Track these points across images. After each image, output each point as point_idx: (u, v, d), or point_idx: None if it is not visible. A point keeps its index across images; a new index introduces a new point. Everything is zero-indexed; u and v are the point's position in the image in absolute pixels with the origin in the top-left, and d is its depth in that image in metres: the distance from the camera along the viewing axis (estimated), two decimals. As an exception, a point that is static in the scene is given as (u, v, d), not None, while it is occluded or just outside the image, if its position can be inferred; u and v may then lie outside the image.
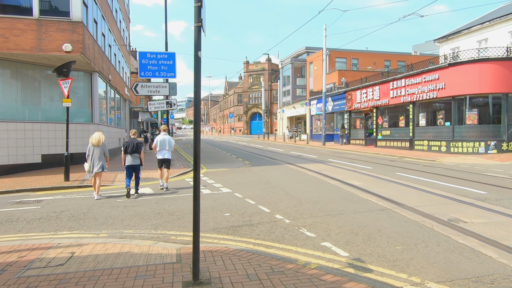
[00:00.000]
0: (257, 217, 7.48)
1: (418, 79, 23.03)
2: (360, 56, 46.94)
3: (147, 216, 7.91)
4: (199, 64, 4.09)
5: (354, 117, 32.65)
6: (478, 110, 20.03)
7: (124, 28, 32.09)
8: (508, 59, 19.28)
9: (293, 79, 55.00)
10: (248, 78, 78.94)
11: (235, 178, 13.03)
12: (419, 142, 23.26)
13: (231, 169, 15.79)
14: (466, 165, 15.80)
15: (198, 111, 4.16)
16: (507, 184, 10.72)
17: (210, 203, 8.98)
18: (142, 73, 16.31)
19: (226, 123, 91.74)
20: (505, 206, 7.91)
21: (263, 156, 21.94)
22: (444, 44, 36.84)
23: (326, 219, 7.16)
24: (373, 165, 16.23)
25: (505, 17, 30.26)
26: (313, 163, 17.74)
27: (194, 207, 4.22)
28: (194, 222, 4.25)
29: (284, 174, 13.94)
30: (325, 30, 31.94)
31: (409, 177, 12.43)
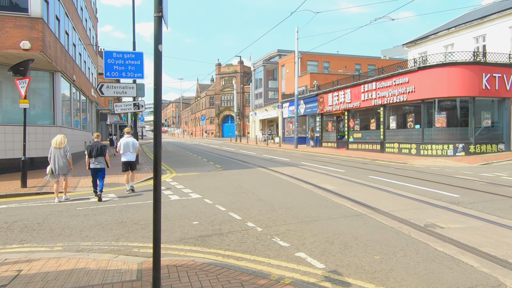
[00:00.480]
0: (227, 225, 7.06)
1: (388, 82, 23.26)
2: (332, 60, 47.35)
3: (108, 225, 7.33)
4: (160, 59, 3.64)
5: (326, 120, 32.74)
6: (446, 113, 20.37)
7: (90, 27, 30.93)
8: (475, 63, 19.70)
9: (265, 81, 54.89)
10: (220, 81, 78.34)
11: (205, 183, 12.54)
12: (390, 144, 23.46)
13: (201, 173, 15.28)
14: (436, 168, 15.93)
15: (159, 112, 3.71)
16: (478, 187, 10.76)
17: (178, 210, 8.48)
18: (107, 74, 15.55)
19: (198, 126, 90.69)
20: (478, 209, 7.82)
21: (235, 160, 21.51)
22: (413, 48, 37.63)
23: (300, 226, 6.81)
24: (345, 168, 16.11)
25: (470, 23, 31.19)
26: (286, 166, 17.46)
27: (154, 220, 3.75)
28: (154, 237, 3.78)
29: (257, 178, 13.56)
30: (297, 33, 31.92)
31: (382, 180, 12.32)
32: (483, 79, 19.55)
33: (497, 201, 8.64)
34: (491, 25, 29.28)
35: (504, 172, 13.92)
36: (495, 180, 12.11)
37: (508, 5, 28.75)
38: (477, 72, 19.55)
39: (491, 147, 20.17)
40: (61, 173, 9.96)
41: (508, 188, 10.50)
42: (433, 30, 36.30)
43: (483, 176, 12.97)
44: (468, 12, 36.64)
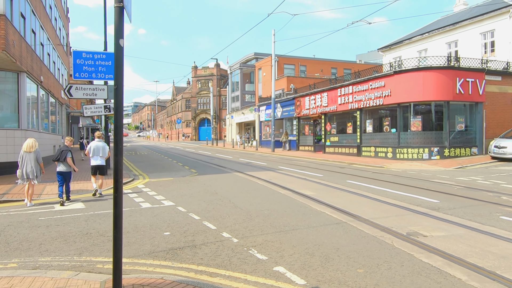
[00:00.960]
0: (201, 236, 6.62)
1: (365, 86, 23.31)
2: (308, 63, 47.50)
3: (72, 238, 6.76)
4: (121, 55, 3.20)
5: (303, 123, 32.65)
6: (422, 117, 20.52)
7: (60, 26, 29.81)
8: (449, 68, 19.94)
9: (242, 84, 54.58)
10: (197, 84, 77.50)
11: (179, 189, 12.03)
12: (367, 148, 23.50)
13: (176, 179, 14.73)
14: (413, 172, 15.93)
15: (120, 115, 3.26)
16: (456, 191, 10.69)
17: (149, 219, 7.97)
18: (76, 75, 14.81)
19: (173, 129, 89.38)
20: (459, 215, 7.67)
21: (211, 164, 21.02)
22: (387, 53, 38.14)
23: (279, 236, 6.45)
24: (323, 173, 15.90)
25: (442, 29, 31.85)
26: (263, 171, 17.12)
27: (114, 239, 3.29)
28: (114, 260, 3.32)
29: (233, 183, 13.15)
30: (274, 36, 31.73)
31: (360, 185, 12.13)
32: (457, 84, 19.80)
33: (477, 207, 8.53)
34: (463, 31, 29.96)
35: (479, 176, 14.00)
36: (471, 184, 12.12)
37: (478, 12, 29.48)
38: (451, 77, 19.80)
39: (465, 151, 20.44)
40: (31, 177, 9.84)
41: (485, 192, 10.47)
42: (407, 36, 36.91)
43: (460, 180, 12.99)
44: (441, 18, 37.42)
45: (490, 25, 27.64)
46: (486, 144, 20.67)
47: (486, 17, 27.78)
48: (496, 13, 26.97)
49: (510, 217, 7.51)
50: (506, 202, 9.07)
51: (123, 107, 3.24)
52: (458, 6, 36.64)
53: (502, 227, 6.73)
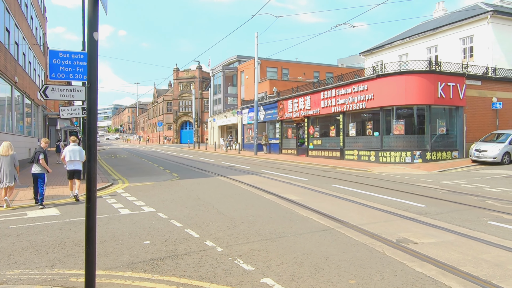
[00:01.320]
0: (183, 244, 6.28)
1: (348, 89, 23.32)
2: (291, 67, 47.53)
3: (44, 248, 6.32)
4: (96, 50, 2.88)
5: (285, 126, 32.52)
6: (404, 120, 20.62)
7: (37, 26, 28.91)
8: (431, 72, 20.10)
9: (225, 87, 54.20)
10: (178, 86, 76.71)
11: (160, 194, 11.62)
12: (350, 151, 23.48)
13: (157, 183, 14.29)
14: (396, 175, 15.91)
15: (93, 116, 2.93)
16: (441, 196, 10.64)
17: (128, 227, 7.58)
18: (52, 75, 14.25)
19: (154, 132, 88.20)
20: (447, 221, 7.55)
21: (193, 168, 20.60)
22: (369, 57, 38.46)
23: (265, 244, 6.17)
24: (307, 176, 15.72)
25: (423, 34, 32.29)
26: (246, 174, 16.83)
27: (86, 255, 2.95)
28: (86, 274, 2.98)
29: (216, 188, 12.81)
30: (257, 38, 31.54)
31: (345, 189, 11.97)
32: (438, 88, 19.97)
33: (463, 211, 8.45)
34: (442, 36, 30.43)
35: (461, 180, 14.06)
36: (455, 188, 12.12)
37: (458, 17, 29.99)
38: (433, 81, 19.96)
39: (446, 154, 20.62)
40: (7, 181, 9.75)
41: (470, 196, 10.45)
42: (388, 40, 37.29)
43: (443, 184, 12.99)
44: (421, 24, 37.99)
45: (469, 30, 28.14)
46: (466, 148, 20.92)
47: (465, 23, 28.27)
48: (475, 19, 27.48)
49: (497, 222, 7.43)
50: (491, 206, 9.03)
51: (97, 107, 2.91)
52: (437, 12, 37.26)
53: (492, 233, 6.63)
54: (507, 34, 27.58)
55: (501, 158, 18.12)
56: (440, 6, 37.32)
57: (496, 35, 26.79)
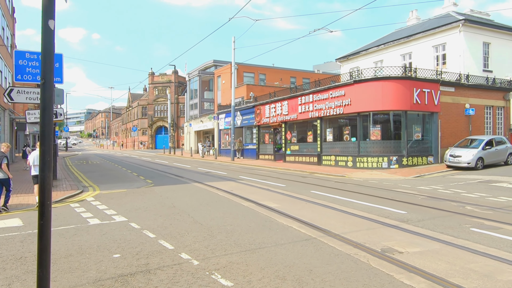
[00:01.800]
0: (156, 258, 5.84)
1: (325, 95, 23.30)
2: (268, 72, 47.49)
3: (1, 264, 5.75)
4: (51, 40, 2.49)
5: (263, 131, 32.26)
6: (381, 126, 20.71)
7: (4, 26, 27.68)
8: (407, 78, 20.29)
9: (201, 92, 53.62)
10: (154, 90, 75.50)
11: (133, 202, 11.07)
12: (327, 157, 23.42)
13: (130, 190, 13.69)
14: (374, 181, 15.86)
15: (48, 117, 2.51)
16: (421, 201, 10.56)
17: (97, 238, 7.06)
18: (18, 77, 13.46)
19: (129, 137, 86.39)
20: (430, 228, 7.40)
21: (168, 174, 20.00)
22: (345, 63, 38.82)
23: (244, 256, 5.80)
24: (285, 182, 15.46)
25: (397, 41, 32.82)
26: (223, 181, 16.42)
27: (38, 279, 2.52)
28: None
29: (192, 195, 12.34)
30: (234, 43, 31.26)
31: (325, 195, 11.74)
32: (414, 94, 20.18)
33: (445, 218, 8.33)
34: (416, 43, 31.00)
35: (438, 185, 14.10)
36: (433, 193, 12.10)
37: (430, 25, 30.63)
38: (409, 87, 20.15)
39: (422, 160, 20.82)
40: None
41: (449, 202, 10.41)
42: (364, 47, 37.76)
43: (421, 190, 12.97)
44: (395, 31, 38.67)
45: (442, 38, 28.76)
46: (441, 153, 21.19)
47: (438, 31, 28.88)
48: (447, 27, 28.11)
49: (479, 229, 7.33)
50: (471, 212, 8.97)
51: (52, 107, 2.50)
52: (411, 20, 38.04)
53: (476, 241, 6.49)
54: (477, 43, 28.36)
55: (475, 163, 18.39)
56: (413, 14, 38.13)
57: (467, 43, 27.47)
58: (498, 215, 8.66)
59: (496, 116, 24.55)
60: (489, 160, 19.06)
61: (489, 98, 23.97)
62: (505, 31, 30.29)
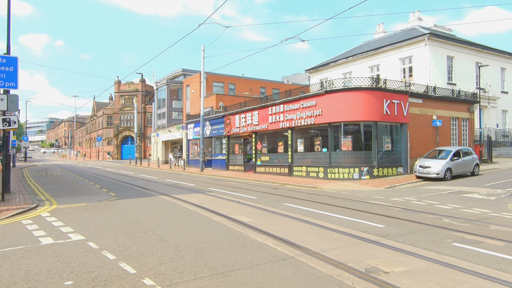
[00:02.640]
0: (115, 285, 5.11)
1: (296, 105, 23.07)
2: (237, 82, 47.15)
3: None
4: None
5: (232, 142, 31.70)
6: (352, 137, 20.63)
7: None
8: (377, 89, 20.35)
9: (169, 101, 52.46)
10: (120, 99, 73.42)
11: (94, 218, 10.18)
12: (298, 168, 23.11)
13: (90, 204, 12.71)
14: (347, 192, 15.59)
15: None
16: (397, 214, 10.28)
17: (48, 261, 6.22)
18: (-33, 80, 12.38)
19: (93, 147, 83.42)
20: (412, 243, 7.04)
21: (133, 186, 19.01)
22: (314, 74, 39.08)
23: (216, 281, 5.18)
24: (257, 194, 14.91)
25: (366, 53, 33.32)
26: (192, 193, 15.68)
27: None
28: None
29: (158, 209, 11.56)
30: (203, 51, 30.69)
31: (298, 208, 11.28)
32: (384, 105, 20.26)
33: (425, 232, 8.03)
34: (384, 56, 31.56)
35: (411, 196, 13.98)
36: (407, 205, 11.90)
37: (397, 39, 31.30)
38: (379, 98, 20.22)
39: (392, 170, 20.87)
40: None
41: (425, 214, 10.19)
42: (333, 58, 38.16)
43: (395, 201, 12.77)
44: (363, 44, 39.37)
45: (408, 51, 29.41)
46: (410, 164, 21.34)
47: (405, 44, 29.53)
48: (413, 40, 28.78)
49: (461, 243, 7.05)
50: (449, 225, 8.74)
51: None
52: (378, 34, 38.90)
53: (461, 257, 6.16)
54: (442, 56, 29.20)
55: (444, 174, 18.55)
56: (380, 28, 39.02)
57: (432, 56, 28.20)
58: (476, 228, 8.46)
59: (461, 128, 25.13)
60: (457, 171, 19.30)
61: (455, 110, 24.52)
62: (467, 45, 31.41)
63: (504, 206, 11.58)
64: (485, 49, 32.63)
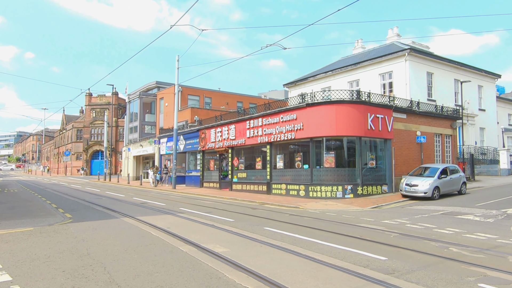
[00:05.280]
0: None
1: (275, 118, 21.74)
2: (213, 96, 45.74)
3: None
4: None
5: (207, 157, 30.01)
6: (335, 152, 19.41)
7: None
8: (361, 103, 19.29)
9: (142, 115, 50.38)
10: (91, 112, 70.53)
11: (34, 248, 8.34)
12: (277, 185, 21.66)
13: (37, 229, 10.79)
14: (332, 213, 14.22)
15: None
16: (395, 241, 8.92)
17: None
18: None
19: (61, 162, 79.56)
20: (429, 285, 5.65)
21: (95, 205, 17.04)
22: (293, 89, 38.12)
23: None
24: (233, 216, 13.32)
25: (345, 68, 32.63)
26: (160, 214, 13.94)
27: None
28: None
29: (117, 235, 9.80)
30: (178, 62, 29.17)
31: (282, 234, 9.77)
32: (368, 119, 19.21)
33: (437, 267, 6.67)
34: (363, 71, 30.88)
35: (403, 218, 12.72)
36: (403, 229, 10.59)
37: (377, 54, 30.74)
38: (363, 112, 19.16)
39: (376, 189, 19.71)
40: None
41: (428, 242, 8.87)
42: (312, 73, 37.36)
43: (388, 225, 11.46)
44: (342, 59, 38.81)
45: (388, 67, 28.81)
46: (395, 182, 20.28)
47: (385, 59, 28.94)
48: (394, 56, 28.23)
49: (487, 283, 5.72)
50: (462, 257, 7.42)
51: None
52: (356, 49, 38.45)
53: (498, 306, 4.80)
54: (422, 72, 28.73)
55: (432, 193, 17.49)
56: (359, 44, 38.60)
57: (412, 72, 27.65)
58: (494, 261, 7.17)
59: (444, 144, 24.42)
60: (445, 189, 18.30)
61: (438, 126, 23.82)
62: (446, 62, 31.15)
63: (507, 230, 10.45)
64: (463, 66, 32.51)
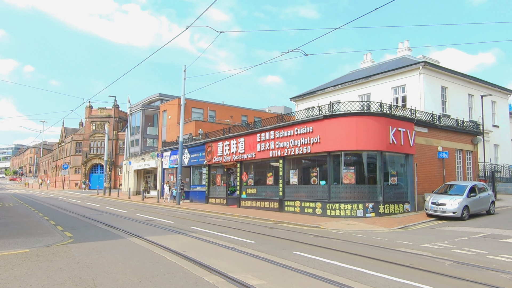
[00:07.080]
0: None
1: (289, 131, 20.53)
2: (218, 109, 44.65)
3: None
4: None
5: (214, 172, 28.68)
6: (355, 168, 18.14)
7: None
8: (383, 115, 18.15)
9: (144, 127, 49.15)
10: (91, 125, 69.38)
11: (29, 276, 6.99)
12: (290, 202, 20.30)
13: (34, 251, 9.43)
14: (360, 235, 12.88)
15: None
16: (454, 272, 7.60)
17: None
18: None
19: (59, 175, 77.94)
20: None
21: (97, 222, 15.67)
22: (300, 103, 37.08)
23: None
24: (253, 237, 11.97)
25: (355, 81, 31.64)
26: (171, 233, 12.59)
27: None
28: None
29: (126, 261, 8.44)
30: (185, 72, 28.13)
31: (318, 260, 8.43)
32: (390, 133, 18.04)
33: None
34: (375, 84, 29.85)
35: (442, 242, 11.39)
36: (453, 256, 9.27)
37: (389, 67, 29.78)
38: (385, 125, 18.00)
39: (399, 207, 18.39)
40: None
41: (492, 272, 7.57)
42: (320, 86, 36.41)
43: (431, 249, 10.13)
44: (350, 73, 37.91)
45: (401, 80, 27.80)
46: (418, 200, 18.98)
47: (397, 73, 27.96)
48: (407, 69, 27.25)
49: None
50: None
51: None
52: (365, 63, 37.59)
53: None
54: (436, 86, 27.72)
55: (461, 212, 16.19)
56: (368, 57, 37.76)
57: (427, 86, 26.63)
58: None
59: (465, 161, 23.21)
60: (474, 209, 17.01)
61: (459, 142, 22.65)
62: (460, 76, 30.19)
63: None
64: (477, 81, 31.56)
